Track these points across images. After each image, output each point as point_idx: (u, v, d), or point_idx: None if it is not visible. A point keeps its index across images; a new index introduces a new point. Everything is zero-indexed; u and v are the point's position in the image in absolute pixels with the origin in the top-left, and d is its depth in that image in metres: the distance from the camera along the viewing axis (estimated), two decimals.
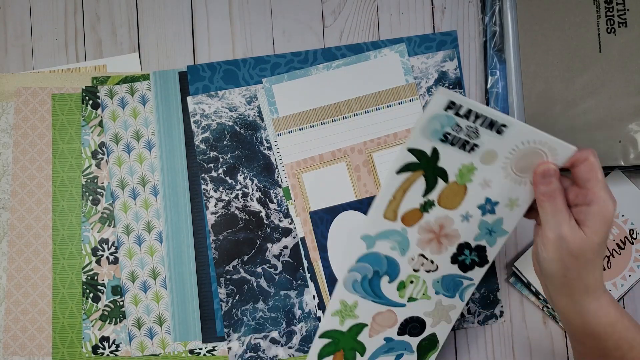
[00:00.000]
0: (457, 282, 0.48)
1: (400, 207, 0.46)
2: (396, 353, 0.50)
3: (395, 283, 0.48)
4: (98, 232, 0.60)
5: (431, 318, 0.49)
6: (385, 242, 0.47)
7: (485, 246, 0.46)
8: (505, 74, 0.58)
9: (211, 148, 0.60)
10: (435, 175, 0.45)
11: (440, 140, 0.43)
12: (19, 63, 0.63)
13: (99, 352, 0.59)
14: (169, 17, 0.63)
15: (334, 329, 0.50)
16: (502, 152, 0.43)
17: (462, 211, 0.45)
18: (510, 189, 0.44)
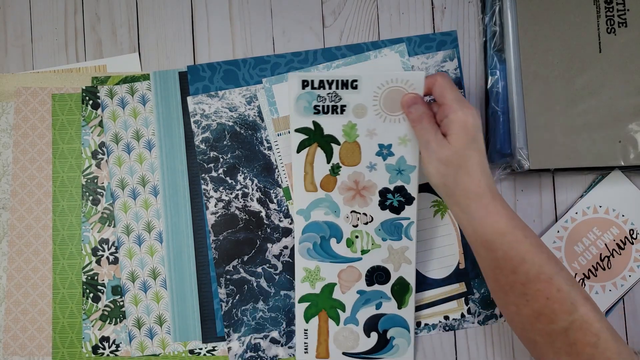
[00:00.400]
0: (396, 224, 0.52)
1: (315, 177, 0.53)
2: (375, 302, 0.54)
3: (343, 242, 0.54)
4: (98, 232, 0.60)
5: (391, 263, 0.53)
6: (317, 210, 0.53)
7: (402, 185, 0.52)
8: (505, 74, 0.58)
9: (211, 148, 0.60)
10: (327, 142, 0.52)
11: (314, 113, 0.51)
12: (19, 63, 0.63)
13: (99, 352, 0.59)
14: (169, 17, 0.63)
15: (307, 292, 0.55)
16: (368, 102, 0.50)
17: (365, 163, 0.52)
18: (393, 129, 0.50)
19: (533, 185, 0.60)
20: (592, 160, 0.55)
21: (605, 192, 0.58)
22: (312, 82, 0.50)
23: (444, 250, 0.59)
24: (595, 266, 0.58)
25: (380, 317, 0.55)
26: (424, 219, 0.59)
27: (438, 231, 0.59)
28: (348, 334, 0.55)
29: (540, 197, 0.60)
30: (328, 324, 0.55)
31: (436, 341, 0.59)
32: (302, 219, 0.54)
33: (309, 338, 0.56)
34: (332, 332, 0.55)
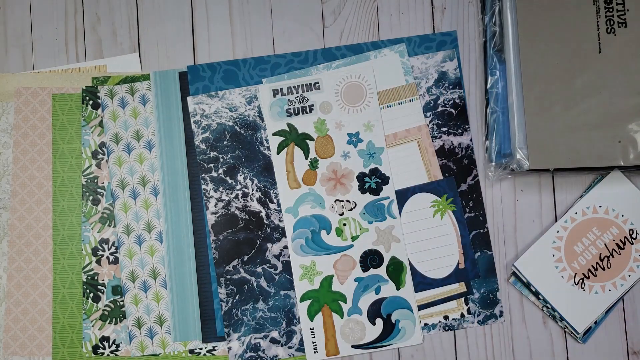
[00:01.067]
0: (378, 205, 0.56)
1: (297, 174, 0.57)
2: (373, 287, 0.56)
3: (332, 232, 0.57)
4: (98, 232, 0.61)
5: (381, 245, 0.56)
6: (304, 205, 0.57)
7: (376, 167, 0.56)
8: (505, 74, 0.58)
9: (211, 148, 0.60)
10: (303, 139, 0.57)
11: (287, 116, 0.57)
12: (19, 63, 0.63)
13: (99, 352, 0.59)
14: (169, 17, 0.63)
15: (307, 290, 0.57)
16: (331, 99, 0.57)
17: (339, 152, 0.57)
18: (357, 118, 0.57)
19: (533, 185, 0.60)
20: (592, 160, 0.55)
21: (605, 192, 0.58)
22: (282, 89, 0.58)
23: (444, 250, 0.59)
24: (595, 266, 0.58)
25: (381, 301, 0.56)
26: (424, 219, 0.59)
27: (438, 231, 0.59)
28: (354, 325, 0.56)
29: (540, 197, 0.60)
30: (332, 319, 0.57)
31: (436, 341, 0.59)
32: (291, 217, 0.57)
33: (316, 337, 0.57)
34: (338, 326, 0.57)
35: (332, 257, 0.56)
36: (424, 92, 0.60)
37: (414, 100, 0.60)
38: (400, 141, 0.59)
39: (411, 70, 0.60)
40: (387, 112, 0.60)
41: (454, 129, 0.60)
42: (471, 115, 0.60)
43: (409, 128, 0.59)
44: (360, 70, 0.56)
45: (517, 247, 0.60)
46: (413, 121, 0.59)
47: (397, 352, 0.59)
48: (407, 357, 0.59)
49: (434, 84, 0.60)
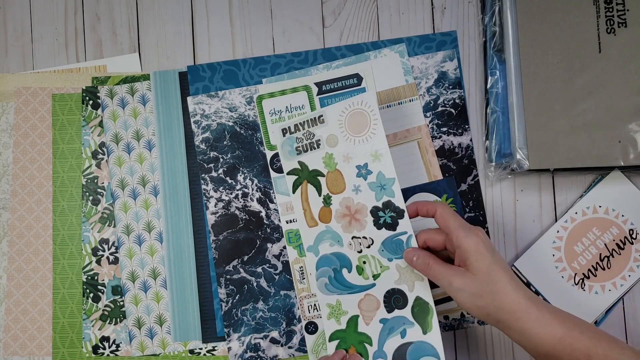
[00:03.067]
0: (396, 242, 0.51)
1: (313, 212, 0.56)
2: (399, 330, 0.52)
3: (354, 270, 0.54)
4: (98, 232, 0.61)
5: (405, 284, 0.52)
6: (323, 243, 0.55)
7: (389, 200, 0.52)
8: (505, 74, 0.58)
9: (211, 148, 0.60)
10: (314, 176, 0.55)
11: (297, 154, 0.56)
12: (19, 63, 0.63)
13: (99, 352, 0.59)
14: (169, 17, 0.63)
15: (336, 329, 0.55)
16: (336, 131, 0.54)
17: (350, 187, 0.53)
18: (363, 149, 0.53)
19: (533, 185, 0.60)
20: (592, 160, 0.55)
21: (605, 192, 0.58)
22: (289, 128, 0.56)
23: None
24: (595, 266, 0.58)
25: (407, 346, 0.52)
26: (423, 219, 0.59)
27: None
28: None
29: (540, 197, 0.60)
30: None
31: None
32: (313, 255, 0.55)
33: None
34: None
35: (356, 296, 0.54)
36: (424, 92, 0.60)
37: (414, 100, 0.60)
38: (400, 141, 0.59)
39: (411, 70, 0.60)
40: (387, 112, 0.60)
41: (454, 129, 0.60)
42: (471, 115, 0.60)
43: (409, 128, 0.59)
44: (360, 98, 0.52)
45: (517, 247, 0.60)
46: (413, 121, 0.59)
47: None
48: None
49: (434, 84, 0.60)
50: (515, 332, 0.45)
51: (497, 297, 0.44)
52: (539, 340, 0.43)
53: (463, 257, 0.45)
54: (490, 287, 0.44)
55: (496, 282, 0.44)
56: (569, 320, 0.44)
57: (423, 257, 0.48)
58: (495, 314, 0.44)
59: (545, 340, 0.43)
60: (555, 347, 0.43)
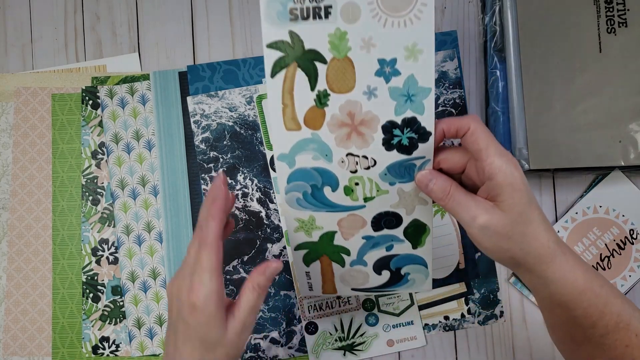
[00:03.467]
0: (407, 166, 0.40)
1: (297, 111, 0.39)
2: (385, 245, 0.45)
3: (340, 190, 0.42)
4: (98, 232, 0.60)
5: (402, 208, 0.42)
6: (303, 155, 0.41)
7: (414, 116, 0.38)
8: (505, 74, 0.57)
9: (211, 148, 0.60)
10: (310, 60, 0.37)
11: (291, 20, 0.37)
12: (19, 63, 0.63)
13: (99, 352, 0.59)
14: (169, 17, 0.63)
15: (304, 241, 0.45)
16: (361, 0, 0.36)
17: (362, 88, 0.38)
18: (397, 36, 0.36)
19: (533, 185, 0.60)
20: (592, 160, 0.55)
21: (605, 192, 0.58)
22: None
23: (444, 250, 0.59)
24: (596, 266, 0.58)
25: (392, 257, 0.46)
26: None
27: (438, 231, 0.59)
28: (355, 273, 0.47)
29: (540, 197, 0.60)
30: (332, 267, 0.47)
31: (436, 341, 0.59)
32: (286, 166, 0.41)
33: (312, 279, 0.49)
34: (338, 273, 0.47)
35: (337, 215, 0.43)
36: None
37: None
38: None
39: None
40: None
41: None
42: None
43: None
44: None
45: None
46: None
47: (397, 354, 0.59)
48: (407, 357, 0.59)
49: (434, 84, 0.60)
50: (535, 277, 0.39)
51: (527, 239, 0.38)
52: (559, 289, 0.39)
53: (494, 192, 0.37)
54: (522, 228, 0.38)
55: (529, 222, 0.38)
56: (590, 270, 0.40)
57: (442, 182, 0.39)
58: (520, 258, 0.38)
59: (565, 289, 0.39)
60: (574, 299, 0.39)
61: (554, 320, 0.42)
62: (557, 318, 0.41)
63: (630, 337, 0.39)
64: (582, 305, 0.39)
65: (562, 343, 0.43)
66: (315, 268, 0.48)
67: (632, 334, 0.39)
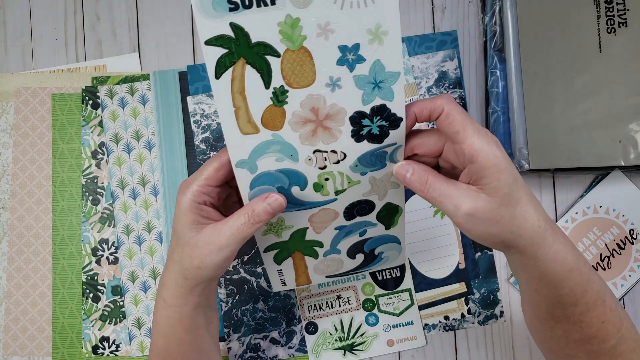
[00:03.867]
0: (379, 154, 0.38)
1: (252, 113, 0.35)
2: (358, 231, 0.43)
3: (309, 188, 0.39)
4: (98, 232, 0.60)
5: (375, 194, 0.41)
6: (265, 158, 0.37)
7: (383, 103, 0.35)
8: (505, 74, 0.57)
9: (211, 148, 0.60)
10: (260, 54, 0.33)
11: (231, 10, 0.32)
12: (19, 63, 0.63)
13: (99, 352, 0.59)
14: (169, 17, 0.63)
15: (274, 242, 0.43)
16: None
17: (324, 79, 0.34)
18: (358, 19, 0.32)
19: (533, 185, 0.60)
20: (592, 160, 0.55)
21: (605, 192, 0.58)
22: None
23: (444, 250, 0.59)
24: (596, 266, 0.58)
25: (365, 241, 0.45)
26: (424, 219, 0.59)
27: (438, 231, 0.59)
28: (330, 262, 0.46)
29: (540, 197, 0.60)
30: (305, 260, 0.46)
31: (436, 341, 0.59)
32: (247, 172, 0.38)
33: (285, 275, 0.48)
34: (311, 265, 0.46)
35: (308, 211, 0.41)
36: (424, 91, 0.60)
37: (414, 100, 0.60)
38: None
39: (411, 69, 0.60)
40: None
41: None
42: (471, 115, 0.60)
43: None
44: None
45: None
46: None
47: (397, 354, 0.59)
48: (407, 357, 0.59)
49: (435, 84, 0.60)
50: (526, 257, 0.38)
51: (517, 221, 0.36)
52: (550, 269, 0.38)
53: (478, 175, 0.36)
54: (510, 211, 0.36)
55: (517, 203, 0.36)
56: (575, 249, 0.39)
57: (420, 173, 0.37)
58: (511, 241, 0.37)
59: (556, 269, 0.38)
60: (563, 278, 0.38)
61: (538, 298, 0.41)
62: (542, 296, 0.40)
63: (606, 312, 0.39)
64: (569, 283, 0.38)
65: (539, 321, 0.42)
66: (287, 265, 0.46)
67: (607, 310, 0.39)
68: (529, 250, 0.37)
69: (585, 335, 0.40)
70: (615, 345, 0.40)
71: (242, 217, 0.38)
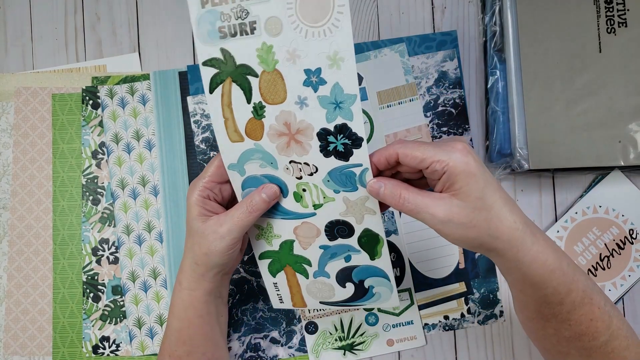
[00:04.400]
0: (347, 173, 0.42)
1: (238, 124, 0.42)
2: (343, 255, 0.47)
3: (290, 196, 0.45)
4: (98, 232, 0.61)
5: (352, 216, 0.44)
6: (251, 163, 0.44)
7: (345, 123, 0.40)
8: (505, 74, 0.57)
9: (211, 148, 0.60)
10: (243, 74, 0.40)
11: (221, 38, 0.39)
12: (19, 63, 0.63)
13: (99, 351, 0.59)
14: (169, 17, 0.63)
15: (266, 250, 0.48)
16: (281, 13, 0.38)
17: (293, 98, 0.40)
18: (318, 46, 0.38)
19: (533, 185, 0.60)
20: (592, 160, 0.55)
21: (605, 192, 0.58)
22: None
23: (444, 250, 0.59)
24: (595, 266, 0.58)
25: (352, 269, 0.47)
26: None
27: None
28: (321, 285, 0.49)
29: (540, 197, 0.60)
30: (297, 277, 0.49)
31: (436, 341, 0.59)
32: (237, 174, 0.45)
33: (280, 290, 0.51)
34: (304, 285, 0.49)
35: (291, 222, 0.46)
36: (424, 91, 0.60)
37: (414, 100, 0.60)
38: None
39: (411, 70, 0.60)
40: (387, 112, 0.60)
41: (454, 129, 0.60)
42: (471, 115, 0.60)
43: (409, 128, 0.59)
44: None
45: None
46: (413, 121, 0.59)
47: (397, 354, 0.59)
48: (407, 357, 0.59)
49: (434, 84, 0.60)
50: (506, 260, 0.39)
51: (493, 224, 0.38)
52: (532, 271, 0.39)
53: (449, 181, 0.38)
54: (484, 215, 0.37)
55: (490, 206, 0.38)
56: (558, 249, 0.40)
57: (392, 187, 0.40)
58: (489, 244, 0.38)
59: (537, 270, 0.39)
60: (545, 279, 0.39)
61: (525, 298, 0.42)
62: (528, 297, 0.41)
63: (594, 310, 0.40)
64: (552, 284, 0.39)
65: (530, 321, 0.44)
66: (281, 279, 0.50)
67: (595, 308, 0.40)
68: (509, 253, 0.38)
69: (575, 332, 0.41)
70: (606, 342, 0.41)
71: (242, 207, 0.44)
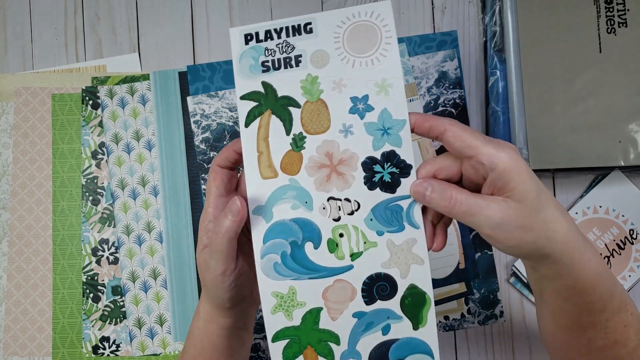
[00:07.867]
0: (393, 208, 0.38)
1: (273, 158, 0.39)
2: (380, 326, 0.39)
3: (323, 246, 0.39)
4: (98, 232, 0.60)
5: (396, 268, 0.39)
6: (281, 204, 0.39)
7: (392, 149, 0.38)
8: (505, 74, 0.57)
9: (211, 148, 0.60)
10: (284, 106, 0.39)
11: (263, 71, 0.39)
12: (19, 63, 0.63)
13: (99, 352, 0.59)
14: (169, 17, 0.63)
15: (284, 327, 0.39)
16: (329, 46, 0.39)
17: (338, 126, 0.38)
18: (366, 74, 0.38)
19: None
20: (592, 160, 0.55)
21: (605, 192, 0.58)
22: (257, 34, 0.39)
23: (444, 250, 0.59)
24: None
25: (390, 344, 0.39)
26: None
27: None
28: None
29: None
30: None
31: None
32: (262, 221, 0.39)
33: None
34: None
35: (321, 282, 0.39)
36: (424, 92, 0.60)
37: (414, 100, 0.60)
38: None
39: (411, 70, 0.60)
40: None
41: None
42: (471, 115, 0.60)
43: None
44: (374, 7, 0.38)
45: None
46: None
47: None
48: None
49: (435, 84, 0.60)
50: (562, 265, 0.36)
51: (550, 226, 0.35)
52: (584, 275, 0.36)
53: (501, 182, 0.34)
54: (542, 216, 0.34)
55: (546, 207, 0.35)
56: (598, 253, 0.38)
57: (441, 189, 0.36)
58: (546, 248, 0.35)
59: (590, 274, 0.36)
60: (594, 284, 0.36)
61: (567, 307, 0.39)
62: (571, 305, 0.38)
63: (628, 316, 0.39)
64: (599, 289, 0.37)
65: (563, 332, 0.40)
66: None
67: (629, 314, 0.39)
68: (565, 256, 0.36)
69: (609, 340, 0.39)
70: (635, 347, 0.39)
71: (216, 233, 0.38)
